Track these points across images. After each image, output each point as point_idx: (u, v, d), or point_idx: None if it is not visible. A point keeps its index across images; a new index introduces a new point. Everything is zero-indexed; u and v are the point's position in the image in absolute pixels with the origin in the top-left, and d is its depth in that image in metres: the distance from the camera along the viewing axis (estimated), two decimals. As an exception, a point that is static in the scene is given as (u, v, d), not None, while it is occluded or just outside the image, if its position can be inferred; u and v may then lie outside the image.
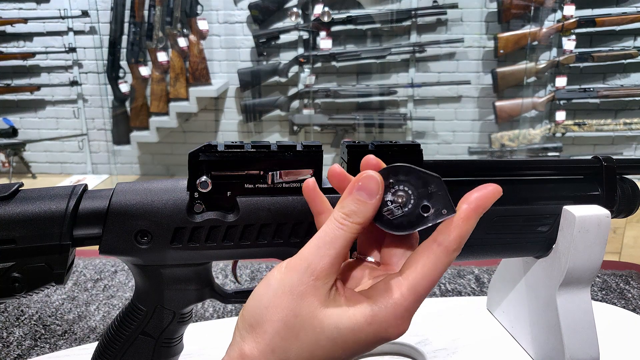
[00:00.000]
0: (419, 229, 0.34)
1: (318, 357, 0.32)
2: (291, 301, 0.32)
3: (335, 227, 0.33)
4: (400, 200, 0.34)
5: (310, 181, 0.37)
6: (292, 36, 2.44)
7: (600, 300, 0.85)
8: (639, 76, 2.40)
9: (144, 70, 2.45)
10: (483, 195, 0.34)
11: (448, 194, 0.33)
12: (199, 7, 2.37)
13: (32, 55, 2.53)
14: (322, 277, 0.32)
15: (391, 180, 0.34)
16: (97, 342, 0.51)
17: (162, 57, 2.40)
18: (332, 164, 0.37)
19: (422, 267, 0.32)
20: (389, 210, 0.34)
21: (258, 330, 0.32)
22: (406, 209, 0.34)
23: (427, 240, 0.33)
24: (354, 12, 2.37)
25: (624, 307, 0.82)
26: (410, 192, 0.34)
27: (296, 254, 0.34)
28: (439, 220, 0.33)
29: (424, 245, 0.33)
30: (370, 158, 0.35)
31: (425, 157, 0.49)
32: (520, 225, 0.53)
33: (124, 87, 2.49)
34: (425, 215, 0.33)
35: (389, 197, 0.34)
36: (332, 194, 0.47)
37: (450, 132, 2.57)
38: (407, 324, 0.33)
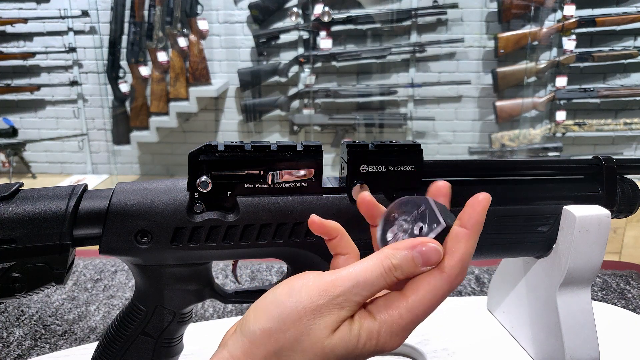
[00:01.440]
0: None
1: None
2: (309, 320, 0.32)
3: (381, 272, 0.33)
4: (403, 229, 0.36)
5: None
6: (292, 36, 2.43)
7: (601, 300, 0.85)
8: (639, 76, 2.40)
9: (144, 70, 2.45)
10: (475, 212, 0.35)
11: (435, 209, 0.35)
12: (199, 7, 2.37)
13: (32, 55, 2.53)
14: (345, 309, 0.32)
15: (394, 215, 0.36)
16: (97, 342, 0.51)
17: (162, 57, 2.40)
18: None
19: (424, 292, 0.33)
20: (395, 240, 0.36)
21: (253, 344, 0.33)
22: (406, 235, 0.35)
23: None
24: (354, 12, 2.37)
25: (624, 307, 0.82)
26: (409, 219, 0.36)
27: (332, 274, 0.33)
28: (432, 236, 0.34)
29: (429, 273, 0.34)
30: (441, 186, 0.36)
31: (425, 157, 0.49)
32: (520, 225, 0.53)
33: (124, 87, 2.49)
34: (421, 234, 0.35)
35: (396, 229, 0.36)
36: (333, 193, 0.47)
37: (450, 132, 2.57)
38: (401, 341, 0.33)
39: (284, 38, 2.43)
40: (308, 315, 0.32)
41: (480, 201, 0.35)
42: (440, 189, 0.37)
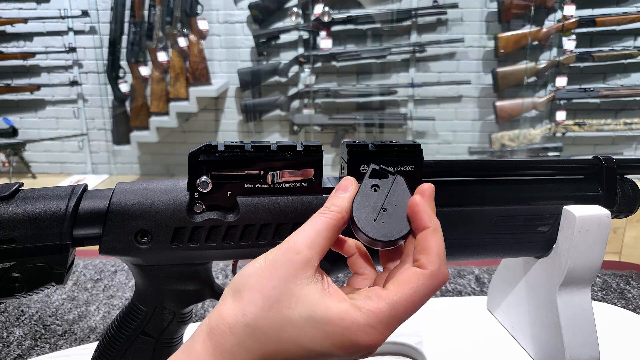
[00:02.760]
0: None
1: (287, 333, 0.32)
2: (271, 272, 0.33)
3: (317, 215, 0.37)
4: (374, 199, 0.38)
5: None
6: (292, 36, 2.43)
7: (601, 300, 0.85)
8: (639, 76, 2.40)
9: (144, 70, 2.45)
10: (425, 207, 0.37)
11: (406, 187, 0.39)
12: (199, 7, 2.37)
13: (32, 55, 2.52)
14: (303, 252, 0.34)
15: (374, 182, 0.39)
16: (97, 342, 0.51)
17: (162, 57, 2.40)
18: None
19: (405, 289, 0.33)
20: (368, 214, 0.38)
21: (237, 295, 0.33)
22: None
23: (414, 266, 0.35)
24: (354, 12, 2.37)
25: (624, 307, 0.82)
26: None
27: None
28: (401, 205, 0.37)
29: (411, 269, 0.34)
30: (425, 189, 0.38)
31: (425, 157, 0.49)
32: (520, 225, 0.53)
33: (124, 87, 2.49)
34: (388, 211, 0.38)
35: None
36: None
37: (450, 132, 2.57)
38: (378, 336, 0.32)
39: (284, 38, 2.43)
40: (269, 269, 0.34)
41: (425, 193, 0.38)
42: (424, 191, 0.38)
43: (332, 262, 0.47)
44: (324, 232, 0.35)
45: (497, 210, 0.52)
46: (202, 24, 2.38)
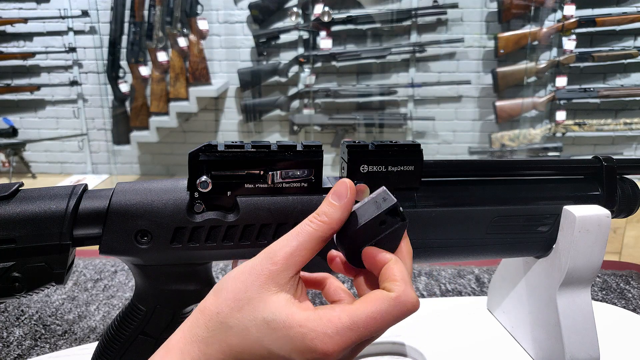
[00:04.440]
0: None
1: (252, 334, 0.34)
2: (247, 277, 0.35)
3: (305, 223, 0.37)
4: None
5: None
6: (292, 36, 2.43)
7: (601, 300, 0.85)
8: (639, 76, 2.40)
9: (144, 70, 2.45)
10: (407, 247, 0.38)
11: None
12: (199, 7, 2.37)
13: (32, 55, 2.53)
14: (279, 264, 0.35)
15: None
16: (97, 342, 0.51)
17: (162, 57, 2.40)
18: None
19: (369, 307, 0.34)
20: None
21: (217, 294, 0.36)
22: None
23: (382, 289, 0.35)
24: (354, 12, 2.37)
25: (624, 307, 0.82)
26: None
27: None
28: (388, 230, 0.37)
29: (379, 291, 0.35)
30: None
31: (425, 157, 0.49)
32: (520, 225, 0.53)
33: (124, 87, 2.49)
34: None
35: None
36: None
37: (450, 132, 2.57)
38: (333, 345, 0.33)
39: (284, 38, 2.43)
40: (245, 273, 0.35)
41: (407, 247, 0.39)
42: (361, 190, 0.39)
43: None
44: (307, 244, 0.36)
45: (497, 210, 0.52)
46: (202, 24, 2.38)
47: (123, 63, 2.46)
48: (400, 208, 0.37)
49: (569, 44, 2.26)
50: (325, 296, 0.40)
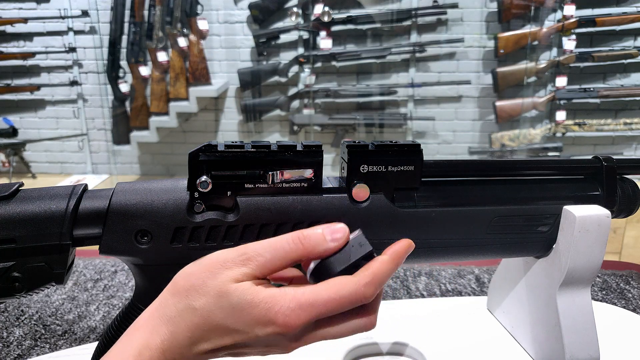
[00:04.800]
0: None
1: (216, 317, 0.36)
2: (218, 270, 0.37)
3: (287, 239, 0.38)
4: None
5: None
6: (292, 36, 2.44)
7: (600, 300, 0.85)
8: (639, 76, 2.40)
9: (144, 70, 2.45)
10: (398, 245, 0.40)
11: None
12: (199, 7, 2.37)
13: (32, 55, 2.53)
14: (250, 268, 0.37)
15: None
16: (97, 342, 0.51)
17: (162, 57, 2.40)
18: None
19: (331, 286, 0.36)
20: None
21: (187, 278, 0.38)
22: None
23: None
24: (354, 12, 2.37)
25: (624, 307, 0.82)
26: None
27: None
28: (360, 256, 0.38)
29: (345, 277, 0.37)
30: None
31: (425, 157, 0.49)
32: (520, 225, 0.53)
33: (124, 87, 2.49)
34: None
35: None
36: (333, 193, 0.47)
37: (450, 132, 2.57)
38: (294, 319, 0.35)
39: (284, 38, 2.43)
40: (217, 265, 0.37)
41: (404, 246, 0.41)
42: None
43: None
44: (279, 260, 0.38)
45: (497, 210, 0.52)
46: (202, 24, 2.38)
47: (123, 63, 2.46)
48: (375, 254, 0.39)
49: (569, 44, 2.26)
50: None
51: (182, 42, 2.38)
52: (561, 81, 2.34)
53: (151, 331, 0.37)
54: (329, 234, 0.38)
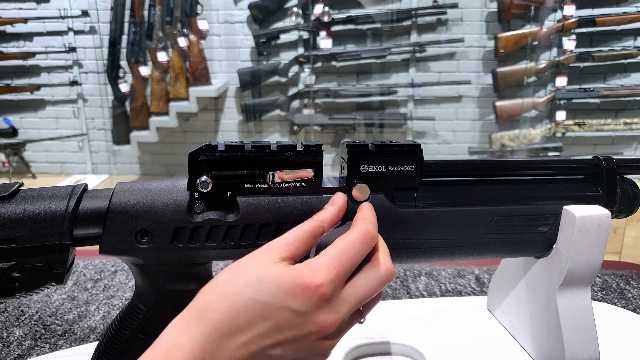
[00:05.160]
0: None
1: (244, 294, 0.36)
2: (245, 260, 0.39)
3: (304, 222, 0.42)
4: None
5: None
6: (292, 36, 2.43)
7: (601, 300, 0.85)
8: (639, 76, 2.40)
9: (144, 70, 2.45)
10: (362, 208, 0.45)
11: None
12: (199, 7, 2.37)
13: (32, 55, 2.53)
14: (276, 250, 0.39)
15: None
16: (97, 342, 0.51)
17: (162, 57, 2.40)
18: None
19: (340, 239, 0.39)
20: None
21: (216, 276, 0.39)
22: None
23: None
24: (354, 12, 2.37)
25: (624, 307, 0.82)
26: None
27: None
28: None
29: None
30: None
31: (425, 157, 0.49)
32: (520, 225, 0.53)
33: (124, 87, 2.49)
34: None
35: None
36: (332, 193, 0.47)
37: (450, 132, 2.57)
38: (323, 275, 0.36)
39: (284, 38, 2.43)
40: (244, 261, 0.39)
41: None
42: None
43: None
44: (300, 237, 0.40)
45: (497, 210, 0.52)
46: (202, 24, 2.38)
47: (123, 63, 2.46)
48: None
49: (569, 44, 2.26)
50: None
51: (182, 42, 2.38)
52: (561, 81, 2.34)
53: (179, 331, 0.36)
54: (330, 203, 0.44)
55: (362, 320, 0.42)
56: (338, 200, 0.44)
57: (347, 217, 0.46)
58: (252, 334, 0.35)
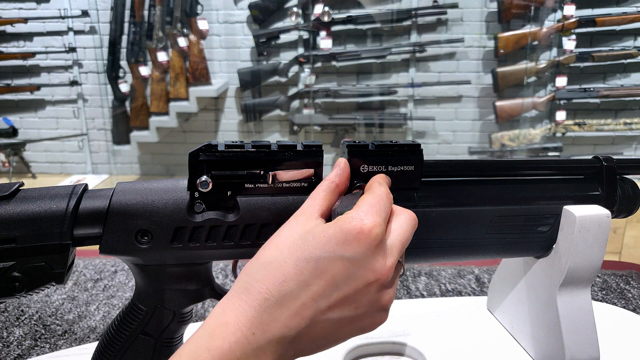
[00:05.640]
0: None
1: (291, 256, 0.35)
2: (283, 228, 0.39)
3: (315, 187, 0.43)
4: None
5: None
6: (292, 36, 2.43)
7: (600, 300, 0.85)
8: (639, 76, 2.40)
9: (144, 70, 2.45)
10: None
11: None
12: (199, 7, 2.37)
13: (32, 55, 2.53)
14: (306, 213, 0.39)
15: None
16: (97, 342, 0.51)
17: (162, 57, 2.40)
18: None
19: (367, 192, 0.41)
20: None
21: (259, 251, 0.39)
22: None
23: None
24: (354, 12, 2.37)
25: (624, 307, 0.82)
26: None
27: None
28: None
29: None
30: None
31: (425, 157, 0.49)
32: (520, 225, 0.53)
33: (124, 87, 2.49)
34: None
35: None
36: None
37: (450, 132, 2.57)
38: (370, 217, 0.36)
39: (284, 38, 2.43)
40: (279, 233, 0.39)
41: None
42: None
43: None
44: (320, 194, 0.41)
45: (497, 210, 0.52)
46: (202, 24, 2.38)
47: (123, 63, 2.46)
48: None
49: (569, 44, 2.26)
50: None
51: (182, 42, 2.37)
52: (561, 81, 2.34)
53: (224, 309, 0.34)
54: (334, 167, 0.45)
55: (404, 271, 0.41)
56: (340, 163, 0.45)
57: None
58: (306, 296, 0.33)
